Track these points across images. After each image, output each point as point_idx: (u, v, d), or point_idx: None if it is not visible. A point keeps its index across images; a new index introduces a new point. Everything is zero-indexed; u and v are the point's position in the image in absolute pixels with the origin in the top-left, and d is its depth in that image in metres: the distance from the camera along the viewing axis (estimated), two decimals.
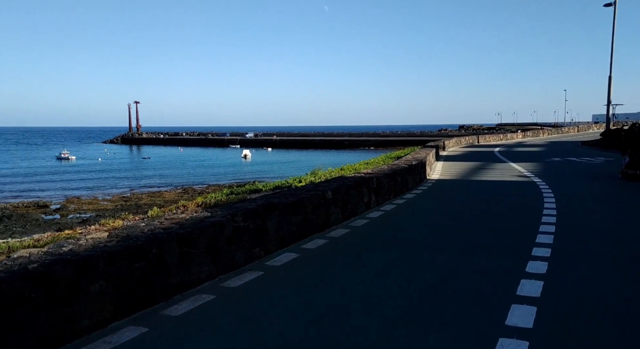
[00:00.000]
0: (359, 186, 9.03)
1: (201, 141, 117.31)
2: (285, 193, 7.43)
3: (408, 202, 11.00)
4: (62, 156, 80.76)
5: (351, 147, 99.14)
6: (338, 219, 8.32)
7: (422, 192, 12.59)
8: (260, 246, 6.11)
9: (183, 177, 58.24)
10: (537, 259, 6.23)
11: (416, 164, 13.36)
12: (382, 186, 10.31)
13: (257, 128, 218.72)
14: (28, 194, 46.03)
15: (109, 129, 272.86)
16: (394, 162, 14.27)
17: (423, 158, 15.07)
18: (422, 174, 14.74)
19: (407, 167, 12.29)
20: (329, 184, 8.52)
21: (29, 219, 33.04)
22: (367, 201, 9.60)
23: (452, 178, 16.17)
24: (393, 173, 11.01)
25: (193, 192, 44.93)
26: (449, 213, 9.68)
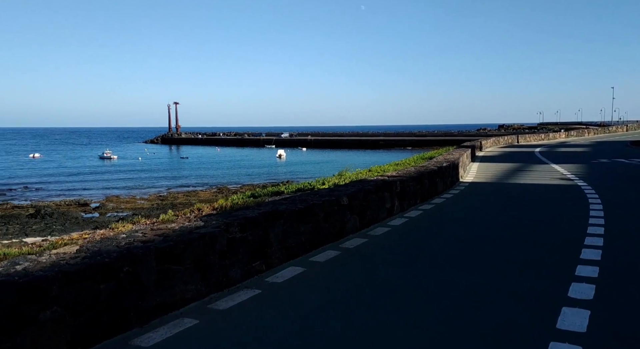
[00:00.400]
0: (379, 191, 8.25)
1: (238, 141, 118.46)
2: (295, 199, 6.74)
3: (436, 209, 10.10)
4: (105, 156, 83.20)
5: (386, 148, 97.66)
6: (355, 227, 7.58)
7: (453, 197, 11.64)
8: (261, 259, 5.46)
9: (218, 177, 58.68)
10: (581, 281, 5.28)
11: (447, 166, 12.40)
12: (406, 190, 9.49)
13: (292, 128, 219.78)
14: (71, 192, 47.35)
15: (150, 130, 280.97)
16: (422, 164, 13.36)
17: (455, 159, 14.06)
18: (454, 177, 13.75)
19: (436, 169, 11.38)
20: (346, 189, 7.77)
21: (69, 217, 33.82)
22: (390, 207, 8.81)
23: (487, 181, 15.07)
24: (420, 176, 10.15)
25: (227, 192, 45.10)
26: (479, 222, 8.75)
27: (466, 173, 16.71)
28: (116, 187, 49.30)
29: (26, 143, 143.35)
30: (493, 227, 8.24)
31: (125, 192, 45.91)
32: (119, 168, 66.65)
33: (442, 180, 11.98)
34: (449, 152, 17.45)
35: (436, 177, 11.38)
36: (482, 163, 21.58)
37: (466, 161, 17.71)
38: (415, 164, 14.19)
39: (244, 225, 5.15)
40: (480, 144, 29.51)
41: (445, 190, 12.42)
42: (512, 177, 15.86)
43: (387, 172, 12.00)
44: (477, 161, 22.82)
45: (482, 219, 8.98)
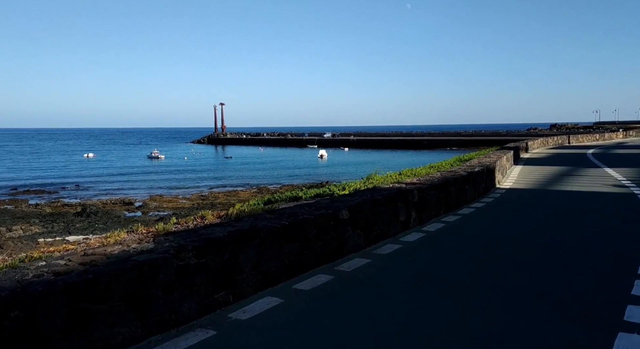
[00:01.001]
0: (391, 201, 7.12)
1: (280, 141, 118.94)
2: (281, 213, 5.76)
3: (461, 221, 8.81)
4: (153, 155, 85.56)
5: (430, 148, 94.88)
6: (358, 245, 6.50)
7: (484, 207, 10.27)
8: (227, 289, 4.52)
9: (260, 177, 58.72)
10: (633, 330, 3.98)
11: (479, 171, 11.01)
12: (426, 199, 8.30)
13: (335, 128, 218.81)
14: (119, 191, 48.60)
15: (197, 130, 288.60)
16: (450, 168, 12.00)
17: (491, 163, 12.61)
18: (489, 183, 12.32)
19: (464, 175, 10.05)
20: (351, 199, 6.70)
21: (112, 216, 34.47)
22: (405, 220, 7.65)
23: (528, 187, 13.49)
24: (444, 183, 8.91)
25: (266, 192, 44.89)
26: (512, 239, 7.42)
27: (505, 178, 15.14)
28: (161, 187, 50.19)
29: (82, 143, 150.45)
30: (526, 247, 6.90)
31: (169, 192, 46.62)
32: (165, 168, 68.16)
33: (473, 187, 10.63)
34: (487, 154, 15.88)
35: (465, 184, 10.07)
36: (526, 166, 19.70)
37: (506, 164, 16.09)
38: (452, 167, 12.87)
39: (202, 248, 4.23)
40: (526, 145, 27.37)
41: (476, 198, 11.05)
42: (557, 184, 14.14)
43: (419, 175, 10.81)
44: (520, 163, 20.94)
45: (515, 236, 7.64)
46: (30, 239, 26.08)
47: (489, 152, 16.97)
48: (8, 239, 26.65)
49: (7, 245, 24.92)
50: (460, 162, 15.30)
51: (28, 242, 25.44)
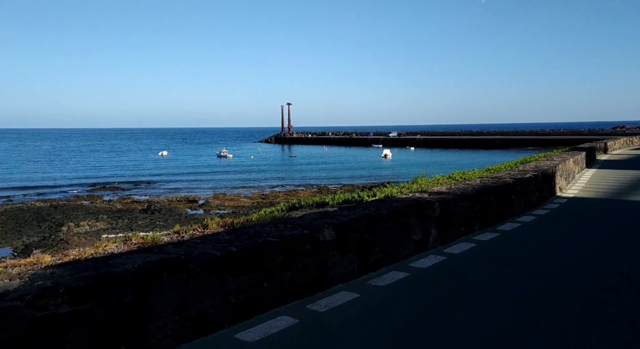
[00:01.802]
0: (399, 217, 5.62)
1: (345, 140, 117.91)
2: (241, 233, 4.50)
3: (499, 241, 6.99)
4: (222, 154, 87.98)
5: (503, 147, 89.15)
6: (349, 273, 5.07)
7: (534, 222, 8.30)
8: (128, 345, 3.35)
9: (321, 177, 58.18)
10: None
11: (530, 177, 9.03)
12: (452, 213, 6.68)
13: (401, 127, 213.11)
14: (187, 188, 50.11)
15: (266, 129, 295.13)
16: (506, 172, 10.09)
17: (550, 167, 10.50)
18: (546, 190, 10.24)
19: (510, 182, 8.19)
20: (342, 215, 5.26)
21: (174, 213, 35.24)
22: (421, 239, 6.09)
23: (598, 197, 11.16)
24: (479, 193, 7.18)
25: (326, 192, 44.13)
26: (564, 270, 5.55)
27: (571, 184, 12.77)
28: (225, 185, 51.10)
29: (158, 142, 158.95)
30: (582, 282, 5.06)
31: (232, 190, 47.28)
32: (232, 166, 69.63)
33: (521, 196, 8.70)
34: (550, 157, 13.50)
35: (510, 193, 8.20)
36: (601, 170, 16.80)
37: (573, 167, 13.67)
38: (512, 169, 10.94)
39: (83, 290, 3.09)
40: (604, 145, 23.92)
41: (527, 210, 9.07)
42: (636, 193, 11.60)
43: (470, 178, 9.13)
44: (595, 166, 18.01)
45: (570, 266, 5.76)
46: (95, 235, 27.00)
47: (557, 154, 14.50)
48: (75, 234, 27.81)
49: (72, 240, 25.91)
50: (521, 164, 13.19)
51: (92, 238, 26.34)
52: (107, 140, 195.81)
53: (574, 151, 16.46)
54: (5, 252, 24.88)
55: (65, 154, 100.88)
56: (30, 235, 28.67)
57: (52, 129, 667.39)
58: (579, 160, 15.18)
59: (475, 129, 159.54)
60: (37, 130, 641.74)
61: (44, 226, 30.55)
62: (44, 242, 26.31)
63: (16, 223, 31.38)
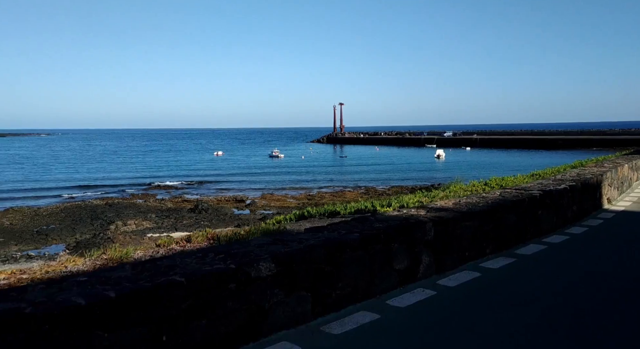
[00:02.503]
0: (374, 242, 4.62)
1: (398, 140, 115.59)
2: (149, 266, 3.69)
3: (512, 269, 5.70)
4: (273, 154, 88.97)
5: (566, 148, 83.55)
6: (298, 316, 4.12)
7: (565, 243, 7.00)
8: None
9: (370, 177, 57.17)
10: None
11: (564, 189, 7.65)
12: (453, 235, 5.64)
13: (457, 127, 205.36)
14: (236, 188, 50.91)
15: (318, 129, 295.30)
16: (511, 186, 8.75)
17: (594, 176, 9.03)
18: (589, 203, 8.80)
19: (537, 195, 6.96)
20: (305, 239, 4.44)
21: (221, 213, 35.68)
22: (407, 268, 5.03)
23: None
24: (492, 209, 6.10)
25: (374, 193, 43.17)
26: (594, 318, 4.30)
27: (625, 194, 11.11)
28: (274, 186, 51.33)
29: (214, 142, 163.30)
30: (615, 335, 3.90)
31: (281, 191, 47.42)
32: (283, 167, 70.07)
33: (552, 212, 7.40)
34: (599, 162, 11.79)
35: (537, 209, 6.99)
36: None
37: (630, 174, 11.93)
38: (555, 175, 9.65)
39: None
40: None
41: (561, 227, 7.73)
42: None
43: (511, 185, 8.06)
44: None
45: (598, 308, 4.50)
46: (140, 234, 27.73)
47: (612, 158, 12.68)
48: (122, 232, 28.73)
49: (117, 239, 26.74)
50: (572, 168, 11.66)
51: (137, 237, 27.06)
52: (166, 140, 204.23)
53: (636, 154, 14.52)
54: (59, 249, 26.06)
55: (127, 153, 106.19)
56: (84, 232, 29.87)
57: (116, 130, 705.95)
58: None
59: (537, 128, 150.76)
60: (104, 130, 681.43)
61: (96, 224, 31.78)
62: (92, 240, 27.28)
63: (72, 220, 32.88)
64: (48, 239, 27.91)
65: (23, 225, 31.52)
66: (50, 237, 28.26)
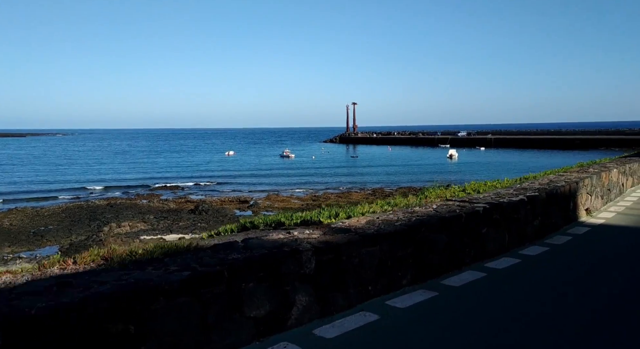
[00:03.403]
0: (209, 284, 3.49)
1: (411, 140, 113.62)
2: None
3: (424, 309, 4.50)
4: (284, 154, 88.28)
5: (583, 148, 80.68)
6: None
7: (511, 269, 5.70)
8: None
9: (380, 178, 56.03)
10: None
11: (520, 201, 6.57)
12: (344, 266, 4.45)
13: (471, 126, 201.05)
14: (244, 188, 50.30)
15: (331, 129, 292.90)
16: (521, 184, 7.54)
17: (566, 184, 7.79)
18: (559, 216, 7.54)
19: (479, 210, 5.86)
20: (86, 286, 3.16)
21: (221, 214, 34.96)
22: (271, 313, 3.90)
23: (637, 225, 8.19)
24: (410, 230, 4.95)
25: (381, 194, 42.04)
26: None
27: (612, 203, 9.79)
28: (282, 187, 50.54)
29: (227, 142, 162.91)
30: None
31: (287, 191, 46.64)
32: (293, 167, 69.28)
33: (503, 229, 6.15)
34: (584, 167, 10.40)
35: (480, 226, 5.85)
36: None
37: (621, 180, 10.57)
38: (523, 183, 8.44)
39: None
40: None
41: (517, 246, 6.54)
42: None
43: (498, 190, 6.93)
44: None
45: None
46: (134, 236, 27.15)
47: (601, 163, 11.26)
48: (115, 234, 28.21)
49: (108, 242, 26.20)
50: (564, 172, 10.36)
51: (129, 239, 26.50)
52: (180, 140, 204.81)
53: (636, 157, 13.09)
54: (52, 251, 25.67)
55: (138, 153, 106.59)
56: (80, 234, 29.52)
57: (132, 130, 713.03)
58: (635, 169, 11.88)
59: (554, 128, 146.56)
60: (121, 130, 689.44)
61: (94, 225, 31.39)
62: (84, 243, 26.84)
63: (71, 221, 32.59)
64: (43, 240, 27.58)
65: (22, 226, 31.32)
66: (46, 238, 27.92)
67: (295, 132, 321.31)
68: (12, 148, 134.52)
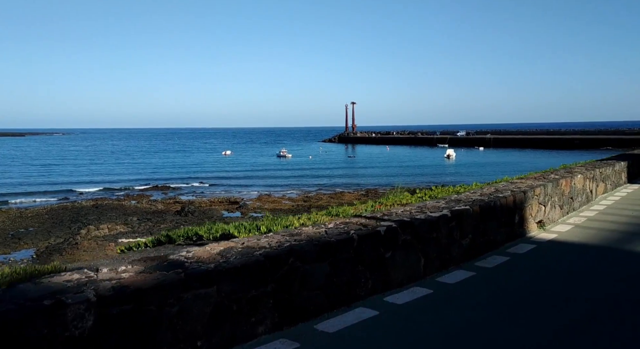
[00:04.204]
0: None
1: (410, 139, 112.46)
2: None
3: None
4: (281, 154, 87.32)
5: (583, 148, 79.41)
6: None
7: (425, 301, 4.69)
8: None
9: (374, 178, 55.14)
10: None
11: (437, 218, 5.50)
12: (155, 320, 3.25)
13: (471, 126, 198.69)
14: (236, 189, 49.44)
15: (331, 129, 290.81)
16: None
17: (510, 196, 6.70)
18: (498, 233, 6.60)
19: (379, 232, 4.79)
20: None
21: (207, 216, 34.03)
22: None
23: (596, 241, 7.02)
24: (271, 261, 3.93)
25: (374, 195, 41.08)
26: None
27: (574, 213, 8.74)
28: (275, 187, 49.65)
29: (225, 142, 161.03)
30: None
31: (280, 192, 45.77)
32: (289, 167, 68.35)
33: (417, 252, 5.22)
34: (546, 173, 9.31)
35: (384, 250, 4.84)
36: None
37: (589, 186, 9.56)
38: (459, 193, 7.48)
39: None
40: None
41: (437, 270, 5.50)
42: None
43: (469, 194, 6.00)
44: None
45: None
46: (111, 239, 26.24)
47: (569, 168, 10.24)
48: (93, 237, 27.32)
49: (82, 245, 25.32)
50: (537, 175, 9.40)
51: (105, 242, 25.61)
52: (178, 139, 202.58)
53: (612, 161, 12.07)
54: (28, 254, 24.88)
55: (135, 153, 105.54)
56: (59, 236, 28.74)
57: (133, 129, 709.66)
58: (609, 174, 10.86)
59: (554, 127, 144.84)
60: (122, 129, 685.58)
61: (74, 227, 30.59)
62: (60, 246, 26.04)
63: (53, 223, 31.80)
64: (20, 243, 26.74)
65: (2, 228, 30.48)
66: (23, 241, 27.08)
67: (294, 132, 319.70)
68: (7, 148, 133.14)
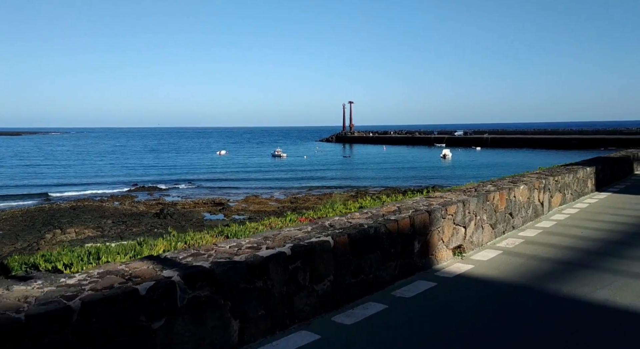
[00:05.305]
0: None
1: (407, 139, 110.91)
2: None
3: None
4: (276, 154, 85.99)
5: (581, 147, 77.73)
6: None
7: None
8: None
9: (367, 178, 53.87)
10: None
11: (261, 260, 3.68)
12: None
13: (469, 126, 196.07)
14: (224, 189, 48.16)
15: (329, 128, 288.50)
16: None
17: (405, 218, 4.93)
18: (385, 267, 4.86)
19: (137, 290, 2.95)
20: None
21: (186, 218, 32.72)
22: None
23: (519, 278, 5.23)
24: None
25: (364, 195, 39.70)
26: None
27: (515, 232, 7.18)
28: (264, 188, 48.37)
29: (220, 142, 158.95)
30: None
31: (269, 192, 44.56)
32: (282, 167, 67.01)
33: (218, 316, 3.42)
34: (487, 182, 7.75)
35: (153, 319, 3.02)
36: (619, 195, 10.43)
37: (536, 198, 8.11)
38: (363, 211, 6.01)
39: None
40: None
41: (274, 332, 3.76)
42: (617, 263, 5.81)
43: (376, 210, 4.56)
44: (614, 188, 11.65)
45: None
46: (78, 244, 24.91)
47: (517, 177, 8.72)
48: (58, 242, 26.00)
49: (44, 250, 24.04)
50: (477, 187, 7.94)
51: (69, 247, 24.34)
52: (174, 139, 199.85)
53: (577, 166, 10.60)
54: None
55: (129, 153, 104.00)
56: (26, 240, 27.52)
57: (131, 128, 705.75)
58: (569, 182, 9.37)
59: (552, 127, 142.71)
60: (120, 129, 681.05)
61: (44, 230, 29.35)
62: (22, 252, 24.65)
63: (24, 226, 30.62)
64: None
65: None
66: None
67: (292, 131, 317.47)
68: None
